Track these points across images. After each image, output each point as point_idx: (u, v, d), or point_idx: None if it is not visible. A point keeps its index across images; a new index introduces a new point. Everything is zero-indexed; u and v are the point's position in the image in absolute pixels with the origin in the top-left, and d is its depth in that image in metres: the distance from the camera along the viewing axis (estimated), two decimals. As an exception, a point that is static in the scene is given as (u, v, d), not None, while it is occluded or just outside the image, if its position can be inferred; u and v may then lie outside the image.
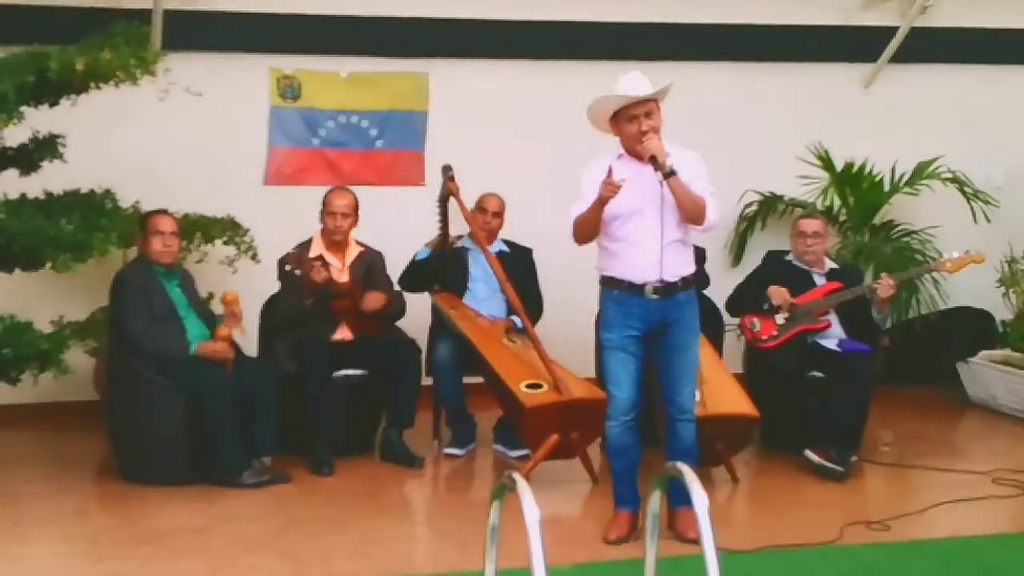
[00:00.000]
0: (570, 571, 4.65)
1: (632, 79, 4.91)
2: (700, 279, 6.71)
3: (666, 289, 4.91)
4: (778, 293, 6.36)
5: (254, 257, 6.70)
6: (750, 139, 7.86)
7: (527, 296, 6.44)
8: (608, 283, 5.03)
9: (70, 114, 5.79)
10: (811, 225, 6.55)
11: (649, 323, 4.94)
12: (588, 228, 4.90)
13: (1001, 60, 8.31)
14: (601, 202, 4.78)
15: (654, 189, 4.82)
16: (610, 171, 4.82)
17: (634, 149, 4.88)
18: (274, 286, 6.36)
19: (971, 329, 8.04)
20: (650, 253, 4.87)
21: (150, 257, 5.97)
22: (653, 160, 4.76)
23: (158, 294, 5.94)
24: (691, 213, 4.83)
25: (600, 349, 5.22)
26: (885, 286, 6.23)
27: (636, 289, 4.92)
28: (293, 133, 7.40)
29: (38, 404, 6.72)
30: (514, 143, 7.52)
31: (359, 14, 7.32)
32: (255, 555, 4.91)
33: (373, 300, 6.26)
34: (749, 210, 7.99)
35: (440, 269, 6.59)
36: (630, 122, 4.85)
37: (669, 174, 4.75)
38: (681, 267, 4.96)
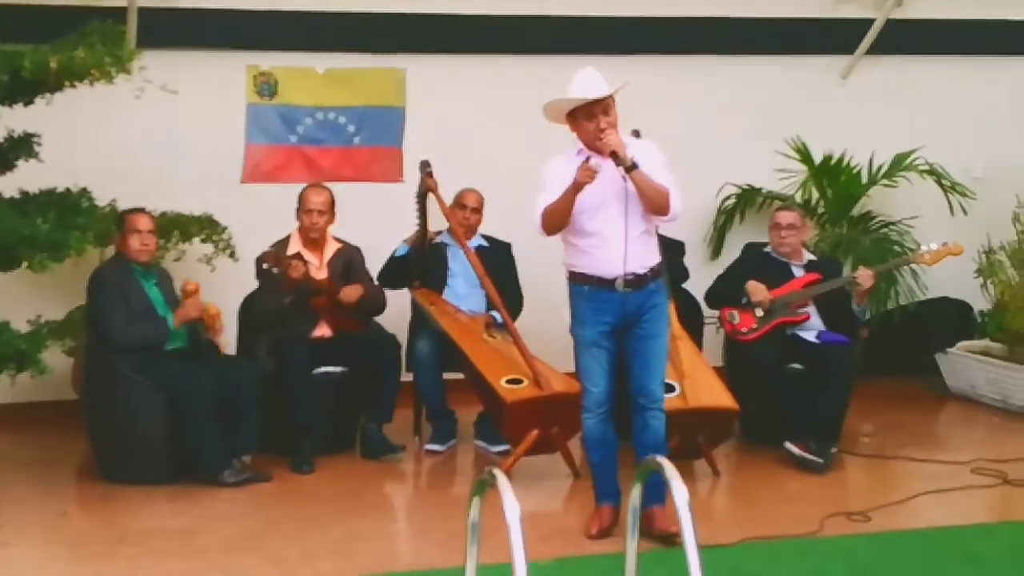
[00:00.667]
0: (551, 566, 4.65)
1: (587, 78, 4.88)
2: (679, 273, 6.76)
3: (636, 281, 4.92)
4: (757, 291, 6.37)
5: (232, 255, 6.69)
6: (728, 132, 7.87)
7: (506, 291, 6.43)
8: (577, 279, 5.03)
9: (45, 113, 5.77)
10: (786, 217, 6.56)
11: (622, 316, 4.95)
12: (560, 216, 4.87)
13: (977, 51, 8.34)
14: (576, 187, 4.78)
15: (617, 183, 4.83)
16: (588, 158, 4.82)
17: (593, 145, 4.88)
18: (252, 284, 6.34)
19: (950, 320, 8.07)
20: (617, 247, 4.87)
21: (128, 256, 5.94)
22: (614, 155, 4.76)
23: (136, 292, 5.91)
24: (655, 204, 4.85)
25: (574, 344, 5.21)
26: (864, 277, 6.25)
27: (606, 284, 4.92)
28: (270, 130, 7.38)
29: (15, 404, 6.71)
30: (492, 138, 7.50)
31: (336, 10, 7.29)
32: (239, 555, 4.89)
33: (350, 292, 6.25)
34: (728, 203, 8.00)
35: (419, 265, 6.58)
36: (589, 120, 4.85)
37: (631, 167, 4.76)
38: (648, 258, 4.98)
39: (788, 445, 6.06)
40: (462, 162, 6.97)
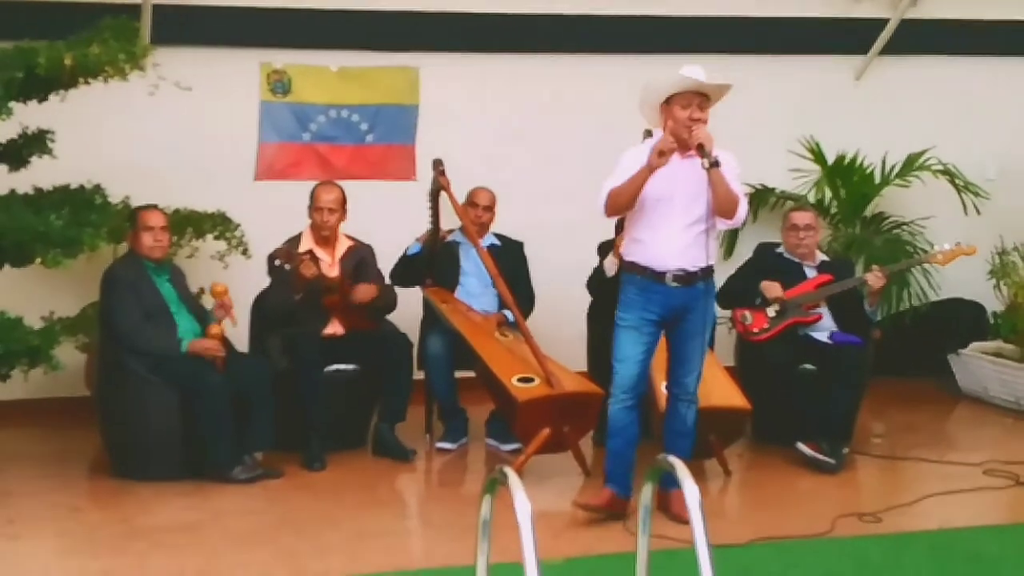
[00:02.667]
0: (562, 565, 4.65)
1: (695, 69, 5.02)
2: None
3: (687, 278, 5.06)
4: (771, 288, 6.36)
5: (245, 252, 6.70)
6: (741, 132, 7.80)
7: (518, 290, 6.43)
8: (631, 268, 5.16)
9: (59, 109, 5.78)
10: (803, 218, 6.55)
11: (669, 308, 5.09)
12: (626, 198, 4.99)
13: (992, 51, 8.31)
14: (650, 169, 4.88)
15: (685, 180, 4.96)
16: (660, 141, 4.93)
17: (680, 136, 4.97)
18: (265, 281, 6.34)
19: (962, 321, 8.05)
20: (674, 242, 5.02)
21: (140, 252, 5.95)
22: (700, 148, 4.87)
23: (148, 289, 5.92)
24: (725, 206, 4.98)
25: (612, 328, 5.24)
26: (875, 277, 6.24)
27: (657, 276, 5.05)
28: (283, 128, 7.38)
29: (29, 400, 6.73)
30: (505, 137, 7.52)
31: (349, 8, 7.30)
32: (249, 551, 4.90)
33: (363, 291, 6.26)
34: (740, 202, 7.98)
35: (431, 264, 6.58)
36: (684, 108, 4.96)
37: (714, 164, 4.87)
38: (702, 258, 5.08)
39: (800, 445, 6.05)
40: (475, 161, 6.97)
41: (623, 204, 5.02)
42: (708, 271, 5.15)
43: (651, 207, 5.03)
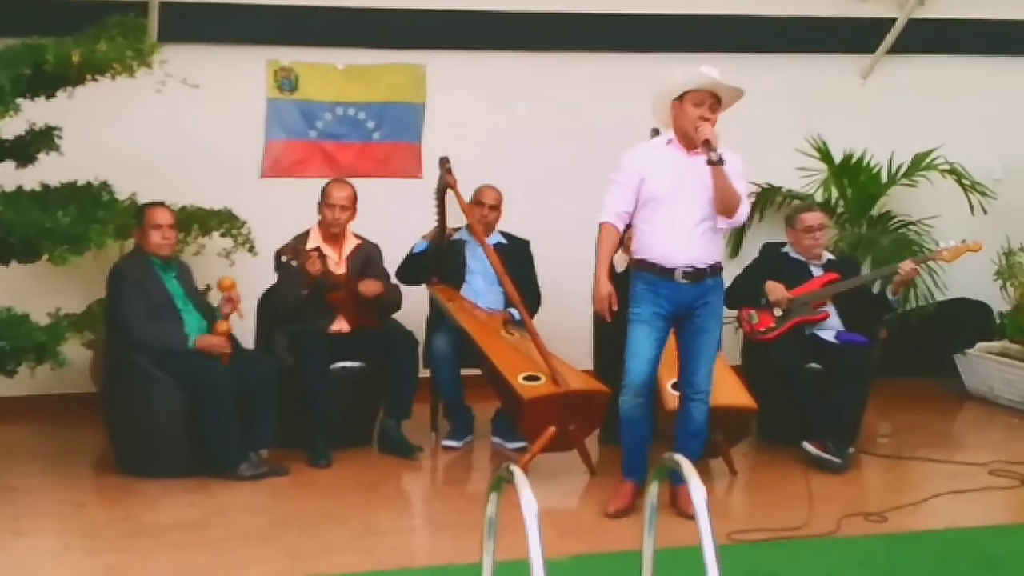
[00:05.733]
0: (568, 563, 4.65)
1: (713, 69, 5.10)
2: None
3: (695, 274, 5.13)
4: (775, 290, 6.35)
5: (251, 249, 6.71)
6: (748, 131, 7.79)
7: (525, 288, 6.43)
8: (640, 265, 5.21)
9: (66, 106, 5.78)
10: (816, 218, 6.55)
11: (677, 305, 5.15)
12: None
13: (999, 51, 8.31)
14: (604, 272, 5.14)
15: (693, 177, 5.02)
16: (668, 141, 5.13)
17: (688, 133, 5.05)
18: (271, 278, 6.35)
19: (969, 321, 8.04)
20: (682, 239, 5.09)
21: (148, 249, 5.95)
22: (706, 144, 4.94)
23: (155, 286, 5.93)
24: (726, 204, 5.04)
25: (619, 327, 5.28)
26: (909, 265, 6.25)
27: (666, 273, 5.12)
28: (290, 125, 7.39)
29: (35, 396, 6.74)
30: (511, 135, 7.52)
31: (356, 5, 7.30)
32: (254, 548, 4.91)
33: (370, 286, 6.26)
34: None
35: (437, 261, 6.58)
36: (697, 105, 5.03)
37: (717, 161, 4.94)
38: (710, 255, 5.18)
39: (805, 445, 6.05)
40: (481, 158, 6.97)
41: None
42: (717, 268, 5.23)
43: (659, 204, 5.09)
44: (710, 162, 4.95)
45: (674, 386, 5.62)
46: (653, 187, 5.07)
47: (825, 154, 7.84)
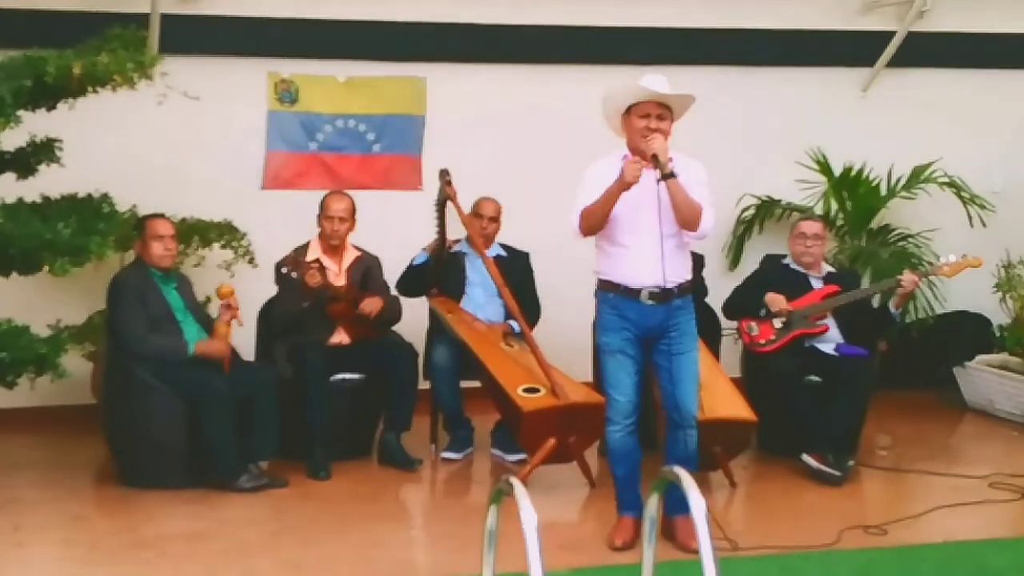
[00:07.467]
0: (568, 576, 4.66)
1: (657, 80, 4.91)
2: (698, 288, 6.73)
3: (662, 295, 4.87)
4: (776, 301, 6.36)
5: (251, 261, 6.72)
6: (748, 143, 7.87)
7: (524, 300, 6.43)
8: (604, 287, 5.01)
9: (67, 118, 5.78)
10: (811, 227, 6.56)
11: (645, 328, 4.92)
12: (600, 216, 4.82)
13: (998, 64, 8.32)
14: (621, 186, 4.72)
15: (654, 193, 4.79)
16: (626, 157, 4.81)
17: (637, 147, 4.84)
18: (271, 290, 6.36)
19: (968, 334, 8.05)
20: (647, 258, 4.82)
21: (149, 261, 5.96)
22: (655, 159, 4.72)
23: (155, 298, 5.94)
24: (685, 217, 4.80)
25: (598, 353, 5.20)
26: (910, 278, 6.24)
27: (632, 293, 4.90)
28: (291, 137, 7.40)
29: (35, 408, 6.73)
30: (511, 147, 7.53)
31: (357, 18, 7.32)
32: (254, 560, 4.91)
33: (371, 304, 6.27)
34: (747, 214, 7.99)
35: (437, 273, 6.58)
36: (642, 118, 4.83)
37: (668, 175, 4.71)
38: (678, 273, 4.92)
39: (805, 457, 6.05)
40: (481, 171, 6.98)
41: (597, 223, 4.86)
42: (685, 288, 4.97)
43: (623, 221, 4.85)
44: (661, 178, 4.71)
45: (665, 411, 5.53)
46: (616, 204, 4.79)
47: (825, 167, 7.85)
